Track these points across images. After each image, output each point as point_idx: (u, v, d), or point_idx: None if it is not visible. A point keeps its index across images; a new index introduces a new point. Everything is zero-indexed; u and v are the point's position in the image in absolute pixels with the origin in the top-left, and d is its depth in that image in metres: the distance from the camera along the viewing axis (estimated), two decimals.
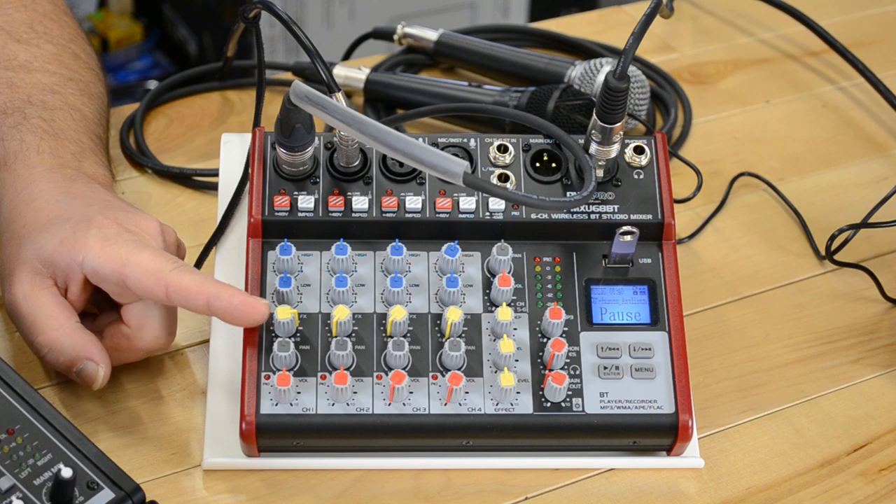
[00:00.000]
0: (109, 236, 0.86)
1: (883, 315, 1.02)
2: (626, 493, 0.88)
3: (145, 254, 0.85)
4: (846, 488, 0.89)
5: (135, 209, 0.91)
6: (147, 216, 0.90)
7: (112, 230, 0.86)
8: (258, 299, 0.85)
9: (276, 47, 2.21)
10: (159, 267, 0.84)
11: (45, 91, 0.98)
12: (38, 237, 0.87)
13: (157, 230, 0.89)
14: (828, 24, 1.27)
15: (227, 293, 0.84)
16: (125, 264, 0.85)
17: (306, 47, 0.90)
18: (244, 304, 0.84)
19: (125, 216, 0.88)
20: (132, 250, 0.85)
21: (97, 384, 0.86)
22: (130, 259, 0.85)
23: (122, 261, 0.85)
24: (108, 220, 0.87)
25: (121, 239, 0.86)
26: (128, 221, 0.88)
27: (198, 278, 0.84)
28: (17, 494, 0.78)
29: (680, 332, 0.89)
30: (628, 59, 0.87)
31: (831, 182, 1.14)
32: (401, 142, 0.82)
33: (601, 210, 0.92)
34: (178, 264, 0.85)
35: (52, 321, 0.86)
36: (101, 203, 0.90)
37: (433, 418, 0.85)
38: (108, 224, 0.87)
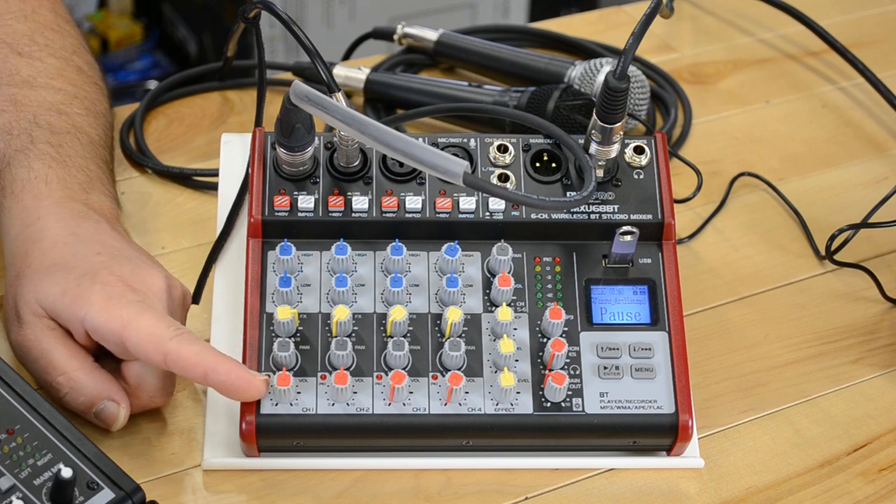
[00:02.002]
0: (113, 295, 0.84)
1: (883, 315, 1.02)
2: (626, 493, 0.88)
3: (146, 318, 0.83)
4: (846, 488, 0.89)
5: (143, 260, 0.89)
6: (154, 270, 0.88)
7: (116, 288, 0.84)
8: (256, 375, 0.84)
9: (276, 47, 2.21)
10: (160, 334, 0.83)
11: (52, 111, 0.97)
12: (42, 283, 0.86)
13: (162, 288, 0.87)
14: (828, 24, 1.27)
15: (224, 367, 0.83)
16: (126, 327, 0.83)
17: (306, 47, 0.90)
18: (241, 380, 0.83)
19: (131, 271, 0.87)
20: (134, 313, 0.83)
21: (117, 425, 0.85)
22: (131, 322, 0.83)
23: (123, 323, 0.83)
24: (113, 277, 0.85)
25: (124, 299, 0.84)
26: (133, 278, 0.86)
27: (196, 348, 0.83)
28: (17, 494, 0.78)
29: (680, 332, 0.89)
30: (628, 59, 0.87)
31: (831, 182, 1.14)
32: (401, 142, 0.82)
33: (601, 210, 0.92)
34: (178, 332, 0.83)
35: (70, 361, 0.85)
36: (109, 253, 0.88)
37: (433, 418, 0.85)
38: (112, 281, 0.85)
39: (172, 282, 0.88)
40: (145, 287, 0.86)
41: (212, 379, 0.83)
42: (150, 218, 1.04)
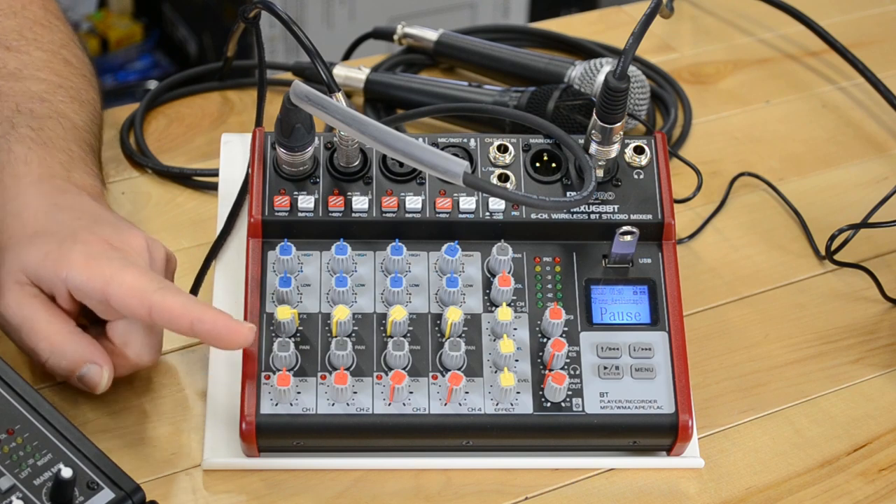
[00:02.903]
0: (94, 253, 0.84)
1: (883, 315, 1.02)
2: (626, 493, 0.88)
3: (129, 273, 0.83)
4: (846, 488, 0.89)
5: (123, 223, 0.89)
6: (134, 232, 0.88)
7: (97, 247, 0.85)
8: (242, 323, 0.84)
9: (276, 47, 2.21)
10: (143, 287, 0.83)
11: (34, 99, 0.97)
12: (23, 250, 0.86)
13: (143, 246, 0.87)
14: (828, 24, 1.27)
15: (210, 316, 0.83)
16: (108, 283, 0.83)
17: (306, 47, 0.90)
18: (228, 328, 0.83)
19: (112, 231, 0.87)
20: (116, 269, 0.84)
21: (101, 387, 0.86)
22: (114, 278, 0.83)
23: (106, 279, 0.83)
24: (94, 237, 0.86)
25: (105, 257, 0.84)
26: (114, 238, 0.86)
27: (181, 300, 0.83)
28: (17, 494, 0.78)
29: (680, 332, 0.89)
30: (628, 59, 0.87)
31: (831, 182, 1.14)
32: (401, 142, 0.82)
33: (601, 210, 0.92)
34: (162, 284, 0.83)
35: (50, 325, 0.85)
36: (90, 217, 0.88)
37: (433, 418, 0.85)
38: (93, 241, 0.85)
39: (154, 243, 0.89)
40: (127, 246, 0.86)
41: (198, 329, 0.83)
42: (150, 218, 1.04)
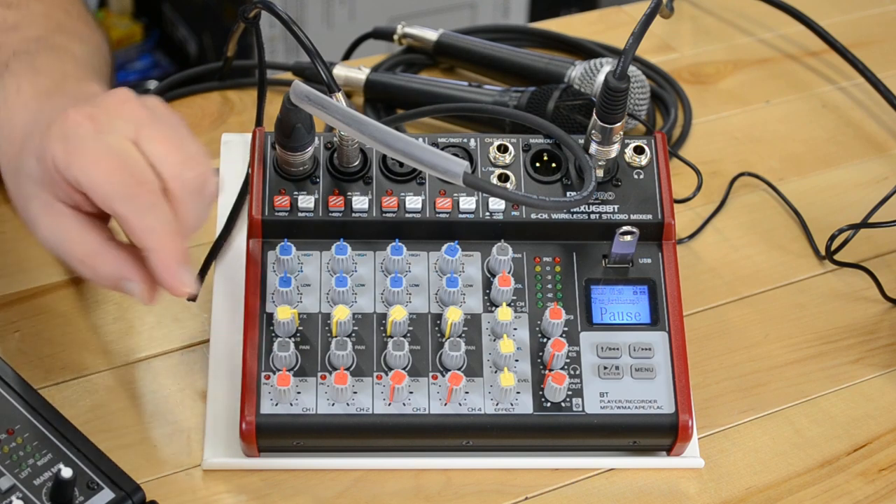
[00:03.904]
0: (68, 134, 0.79)
1: (883, 315, 1.02)
2: (626, 493, 0.88)
3: (99, 165, 0.78)
4: (846, 488, 0.89)
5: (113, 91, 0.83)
6: (118, 92, 0.83)
7: (72, 124, 0.79)
8: (185, 280, 0.79)
9: (276, 47, 2.21)
10: (111, 192, 0.78)
11: (30, 41, 0.94)
12: (20, 163, 0.82)
13: (124, 98, 0.82)
14: (828, 24, 1.27)
15: (164, 257, 0.78)
16: (79, 178, 0.78)
17: (306, 47, 0.90)
18: (171, 278, 0.79)
19: (95, 102, 0.82)
20: (88, 158, 0.78)
21: (146, 301, 0.82)
22: (83, 171, 0.78)
23: (75, 172, 0.78)
24: (74, 113, 0.80)
25: (76, 136, 0.79)
26: (96, 107, 0.81)
27: (150, 222, 0.78)
28: (17, 494, 0.78)
29: (680, 332, 0.89)
30: (628, 59, 0.87)
31: (831, 182, 1.14)
32: (401, 142, 0.82)
33: (601, 210, 0.92)
34: (132, 187, 0.78)
35: (82, 245, 0.81)
36: (74, 100, 0.83)
37: (433, 418, 0.85)
38: (70, 117, 0.80)
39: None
40: (108, 112, 0.81)
41: (149, 262, 0.79)
42: None
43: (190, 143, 0.80)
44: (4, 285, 0.97)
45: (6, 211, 1.03)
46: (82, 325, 0.95)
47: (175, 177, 0.79)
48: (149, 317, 0.96)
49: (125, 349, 0.93)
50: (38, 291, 0.97)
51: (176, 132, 0.81)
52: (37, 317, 0.95)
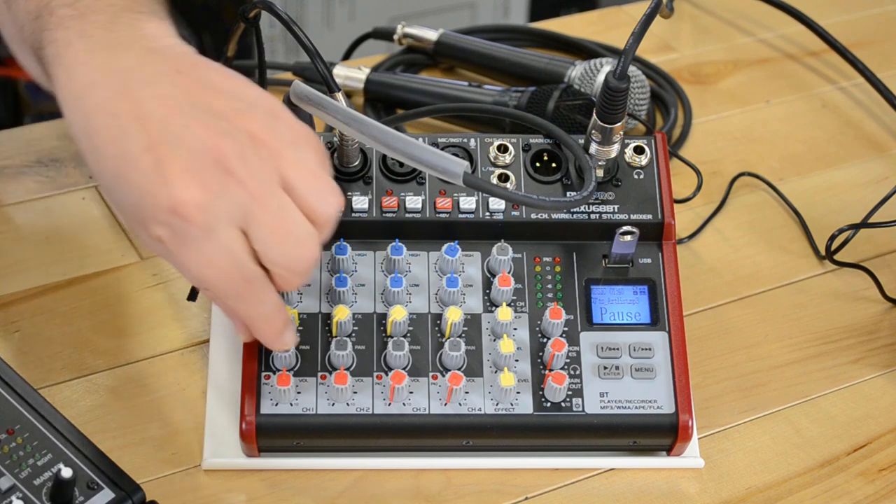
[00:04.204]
0: (176, 227, 0.75)
1: (883, 315, 1.02)
2: (626, 493, 0.88)
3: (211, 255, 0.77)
4: (846, 488, 0.89)
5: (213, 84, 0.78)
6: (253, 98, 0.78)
7: (182, 221, 0.75)
8: (288, 339, 0.82)
9: (276, 47, 2.21)
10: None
11: None
12: (114, 198, 0.78)
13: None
14: (828, 24, 1.27)
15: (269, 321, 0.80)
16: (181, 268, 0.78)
17: (306, 47, 0.90)
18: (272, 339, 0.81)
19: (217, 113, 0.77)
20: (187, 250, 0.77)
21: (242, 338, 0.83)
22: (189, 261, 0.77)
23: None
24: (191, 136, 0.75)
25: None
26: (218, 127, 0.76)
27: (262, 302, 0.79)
28: (17, 494, 0.78)
29: (680, 332, 0.89)
30: (628, 59, 0.87)
31: (831, 182, 1.14)
32: (401, 142, 0.82)
33: (601, 210, 0.92)
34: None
35: (190, 281, 0.80)
36: (164, 115, 0.77)
37: (433, 418, 0.85)
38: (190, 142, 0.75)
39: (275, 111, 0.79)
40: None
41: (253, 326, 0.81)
42: None
43: (300, 224, 0.78)
44: (4, 285, 0.97)
45: (6, 210, 1.03)
46: (82, 325, 0.95)
47: (283, 268, 0.78)
48: (149, 317, 0.96)
49: (125, 349, 0.93)
50: (38, 291, 0.97)
51: (285, 213, 0.77)
52: (37, 317, 0.95)
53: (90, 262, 0.99)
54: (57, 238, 1.01)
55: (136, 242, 1.01)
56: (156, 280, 0.98)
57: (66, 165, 1.07)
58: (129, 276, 0.99)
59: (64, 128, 1.10)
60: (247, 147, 0.76)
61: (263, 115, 0.78)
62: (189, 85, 0.78)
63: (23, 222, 1.02)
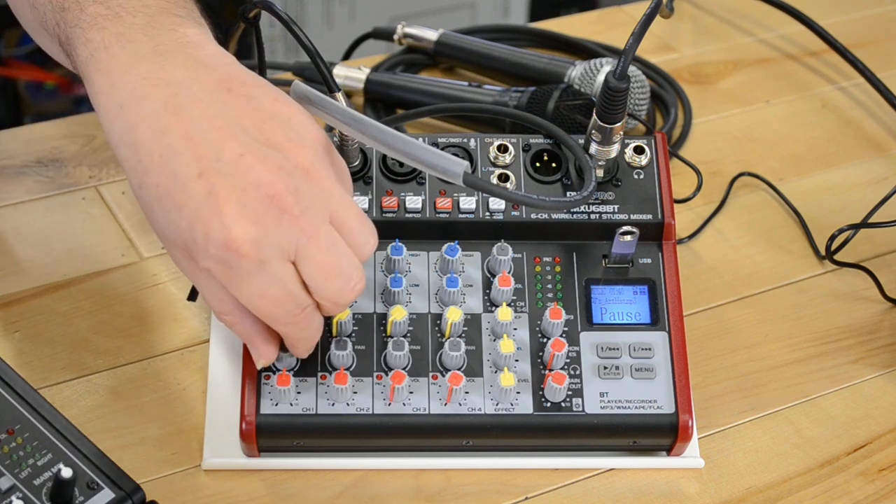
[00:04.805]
0: (230, 262, 0.75)
1: (883, 315, 1.02)
2: (626, 493, 0.88)
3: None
4: (846, 488, 0.89)
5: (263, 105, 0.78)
6: (300, 132, 0.78)
7: (236, 256, 0.75)
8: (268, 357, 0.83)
9: (276, 47, 2.21)
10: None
11: None
12: (155, 216, 0.77)
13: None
14: (828, 24, 1.27)
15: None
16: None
17: (306, 47, 0.90)
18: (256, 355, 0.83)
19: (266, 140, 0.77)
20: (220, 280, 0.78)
21: (258, 365, 0.83)
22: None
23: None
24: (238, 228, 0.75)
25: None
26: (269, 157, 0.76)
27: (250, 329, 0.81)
28: (17, 494, 0.78)
29: (680, 332, 0.89)
30: (628, 59, 0.87)
31: (831, 182, 1.14)
32: (401, 141, 0.82)
33: (601, 210, 0.92)
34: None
35: (216, 303, 0.80)
36: (217, 139, 0.76)
37: (433, 418, 0.85)
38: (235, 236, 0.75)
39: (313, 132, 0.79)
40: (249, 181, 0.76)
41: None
42: None
43: (348, 260, 0.78)
44: (4, 285, 0.97)
45: (6, 211, 1.03)
46: (82, 325, 0.95)
47: (330, 301, 0.79)
48: (149, 317, 0.96)
49: (125, 349, 0.93)
50: (38, 291, 0.97)
51: (335, 249, 0.78)
52: (37, 317, 0.95)
53: (90, 262, 0.99)
54: (57, 238, 1.01)
55: (136, 242, 1.01)
56: (156, 280, 0.98)
57: (66, 165, 1.08)
58: (129, 276, 0.99)
59: (64, 127, 1.10)
60: (300, 182, 0.77)
61: (314, 149, 0.78)
62: (239, 106, 0.77)
63: (23, 222, 1.02)
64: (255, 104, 0.78)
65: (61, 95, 2.02)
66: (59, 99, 2.02)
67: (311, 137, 0.79)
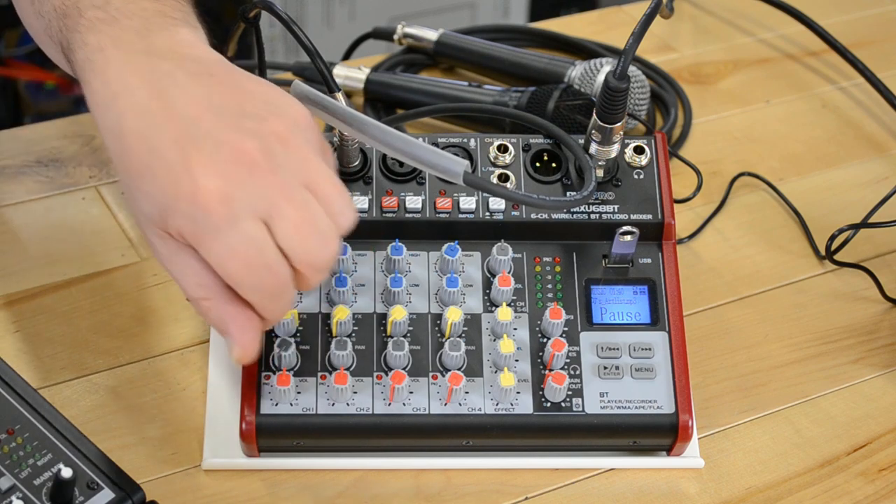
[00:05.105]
0: (198, 218, 0.75)
1: (883, 315, 1.02)
2: (626, 493, 0.88)
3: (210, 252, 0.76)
4: (846, 488, 0.89)
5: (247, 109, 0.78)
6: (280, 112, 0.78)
7: (203, 211, 0.75)
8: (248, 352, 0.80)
9: (276, 47, 2.21)
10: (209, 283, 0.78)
11: None
12: (135, 195, 0.77)
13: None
14: (828, 24, 1.27)
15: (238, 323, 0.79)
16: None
17: (306, 47, 0.90)
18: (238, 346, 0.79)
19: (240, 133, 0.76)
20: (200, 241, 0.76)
21: (235, 361, 0.80)
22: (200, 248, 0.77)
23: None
24: (208, 180, 0.75)
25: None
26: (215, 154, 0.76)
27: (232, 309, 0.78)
28: (17, 494, 0.78)
29: (680, 332, 0.89)
30: (628, 59, 0.87)
31: (831, 182, 1.14)
32: (401, 141, 0.82)
33: (601, 210, 0.92)
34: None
35: (194, 287, 0.78)
36: (195, 114, 0.77)
37: (433, 418, 0.85)
38: (204, 188, 0.75)
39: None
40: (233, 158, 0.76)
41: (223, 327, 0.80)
42: None
43: (323, 220, 0.77)
44: (4, 285, 0.97)
45: (6, 211, 1.03)
46: (82, 325, 0.95)
47: (305, 263, 0.77)
48: (149, 317, 0.96)
49: (125, 349, 0.93)
50: (38, 291, 0.97)
51: (309, 208, 0.77)
52: (37, 317, 0.95)
53: (90, 262, 0.99)
54: (57, 238, 1.01)
55: (136, 242, 1.01)
56: (156, 280, 0.98)
57: (66, 165, 1.08)
58: (128, 276, 0.99)
59: (64, 127, 1.10)
60: (274, 145, 0.77)
61: (293, 121, 0.78)
62: (222, 88, 0.79)
63: (23, 222, 1.03)
64: (237, 85, 0.79)
65: (61, 95, 2.02)
66: (59, 99, 2.02)
67: (293, 113, 0.79)
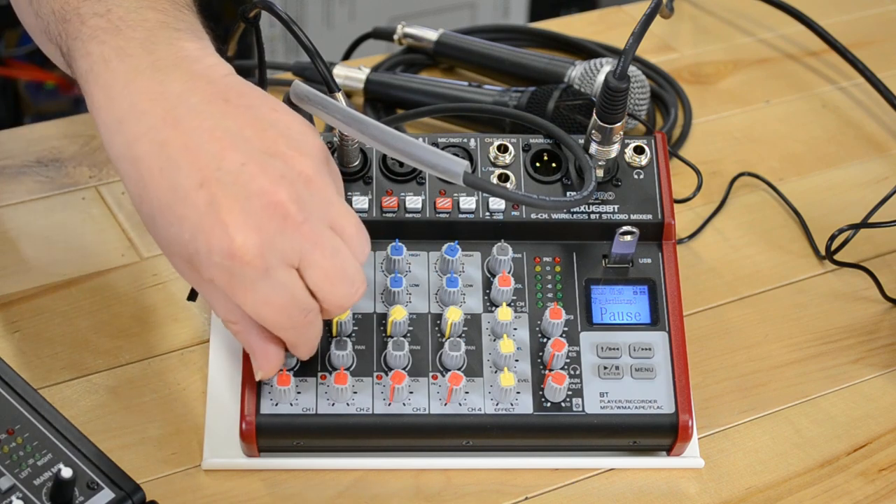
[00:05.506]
0: (235, 272, 0.76)
1: (883, 315, 1.02)
2: (626, 493, 0.88)
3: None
4: (846, 488, 0.89)
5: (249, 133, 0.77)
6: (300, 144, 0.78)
7: (240, 265, 0.76)
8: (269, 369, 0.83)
9: (276, 47, 2.21)
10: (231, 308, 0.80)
11: None
12: (157, 228, 0.77)
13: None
14: (828, 24, 1.27)
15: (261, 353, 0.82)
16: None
17: (306, 47, 0.90)
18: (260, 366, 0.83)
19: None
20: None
21: (258, 378, 0.83)
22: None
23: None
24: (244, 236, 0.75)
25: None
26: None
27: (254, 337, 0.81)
28: (17, 494, 0.78)
29: (680, 332, 0.89)
30: (628, 59, 0.87)
31: (831, 182, 1.14)
32: (401, 141, 0.82)
33: (601, 210, 0.92)
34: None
35: (222, 311, 0.80)
36: (216, 151, 0.76)
37: (433, 418, 0.85)
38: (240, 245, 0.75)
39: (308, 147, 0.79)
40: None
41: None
42: None
43: (351, 265, 0.79)
44: (4, 285, 0.97)
45: (6, 211, 1.03)
46: (82, 325, 0.95)
47: (335, 305, 0.80)
48: (149, 317, 0.96)
49: (125, 349, 0.93)
50: (38, 291, 0.97)
51: (339, 255, 0.78)
52: (37, 317, 0.95)
53: (90, 262, 0.99)
54: (57, 238, 1.01)
55: (136, 242, 1.01)
56: (156, 280, 0.98)
57: (66, 165, 1.08)
58: (129, 276, 0.99)
59: (64, 127, 1.10)
60: (302, 190, 0.77)
61: (315, 158, 0.79)
62: (238, 116, 0.78)
63: (23, 222, 1.03)
64: (253, 113, 0.78)
65: (61, 95, 2.02)
66: (59, 99, 2.02)
67: (312, 146, 0.79)
